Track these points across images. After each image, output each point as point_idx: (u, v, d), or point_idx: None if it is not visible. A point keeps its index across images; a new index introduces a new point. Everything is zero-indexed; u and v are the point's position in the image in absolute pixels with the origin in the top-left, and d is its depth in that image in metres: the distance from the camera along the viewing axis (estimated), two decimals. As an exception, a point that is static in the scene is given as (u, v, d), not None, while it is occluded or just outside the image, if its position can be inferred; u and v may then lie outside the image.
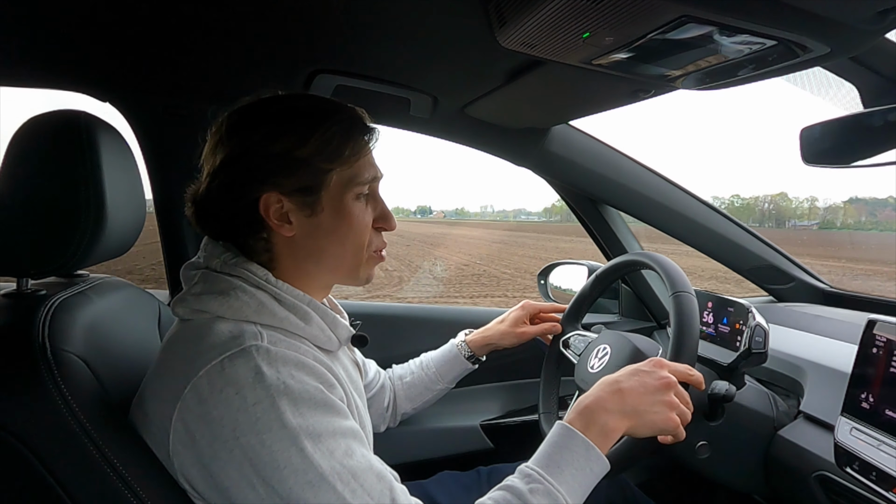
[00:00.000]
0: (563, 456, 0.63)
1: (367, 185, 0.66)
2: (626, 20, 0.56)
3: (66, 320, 0.61)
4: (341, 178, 0.64)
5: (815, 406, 0.85)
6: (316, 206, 0.63)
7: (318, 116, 0.63)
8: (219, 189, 0.62)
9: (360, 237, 0.67)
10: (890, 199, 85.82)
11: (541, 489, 0.60)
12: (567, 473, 0.62)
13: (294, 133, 0.62)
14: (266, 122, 0.62)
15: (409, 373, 1.00)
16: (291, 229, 0.63)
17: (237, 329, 0.57)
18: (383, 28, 0.75)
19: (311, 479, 0.52)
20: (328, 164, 0.63)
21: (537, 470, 0.62)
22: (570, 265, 1.40)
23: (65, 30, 0.78)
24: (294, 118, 0.63)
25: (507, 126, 1.13)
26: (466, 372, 1.00)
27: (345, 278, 0.69)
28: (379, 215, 0.69)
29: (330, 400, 0.57)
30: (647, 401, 0.66)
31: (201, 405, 0.53)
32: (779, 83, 0.76)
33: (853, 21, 0.54)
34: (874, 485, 0.66)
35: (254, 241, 0.64)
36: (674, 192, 1.25)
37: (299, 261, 0.65)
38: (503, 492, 0.61)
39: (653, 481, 1.27)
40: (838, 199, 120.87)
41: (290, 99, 0.65)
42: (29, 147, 0.63)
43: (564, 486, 0.61)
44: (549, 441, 0.65)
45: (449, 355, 0.99)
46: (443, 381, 0.98)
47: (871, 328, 0.72)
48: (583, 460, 0.63)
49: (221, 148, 0.63)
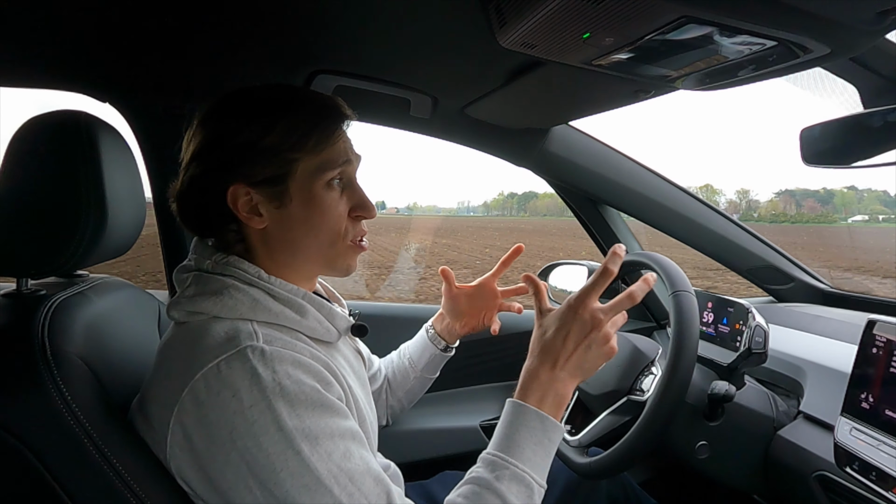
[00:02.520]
0: (521, 434, 0.63)
1: (339, 171, 0.64)
2: (626, 21, 0.56)
3: (66, 320, 0.61)
4: (308, 166, 0.63)
5: (815, 406, 0.85)
6: (284, 196, 0.62)
7: (285, 105, 0.63)
8: (189, 181, 0.62)
9: (334, 226, 0.65)
10: (821, 191, 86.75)
11: (507, 474, 0.60)
12: (528, 450, 0.62)
13: (259, 123, 0.61)
14: (234, 112, 0.62)
15: (391, 361, 0.99)
16: (262, 221, 0.63)
17: (233, 330, 0.57)
18: (383, 28, 0.75)
19: (307, 482, 0.52)
20: (293, 153, 0.62)
21: (499, 455, 0.62)
22: (569, 265, 1.40)
23: (65, 30, 0.78)
24: (261, 108, 0.62)
25: (507, 126, 1.13)
26: (438, 359, 0.96)
27: (324, 269, 0.69)
28: (356, 203, 0.67)
29: (328, 400, 0.56)
30: (582, 353, 0.66)
31: (198, 408, 0.53)
32: (778, 83, 0.76)
33: (853, 22, 0.54)
34: (874, 485, 0.66)
35: (224, 232, 0.64)
36: (674, 193, 1.25)
37: (275, 253, 0.65)
38: (471, 485, 0.61)
39: (653, 480, 1.27)
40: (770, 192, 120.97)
41: (260, 90, 0.65)
42: (29, 147, 0.63)
43: (528, 464, 0.61)
44: (504, 421, 0.65)
45: (419, 340, 0.98)
46: (415, 369, 0.96)
47: (870, 328, 0.72)
48: (539, 433, 0.63)
49: (193, 140, 0.63)
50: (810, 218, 70.68)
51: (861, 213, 72.33)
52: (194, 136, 0.63)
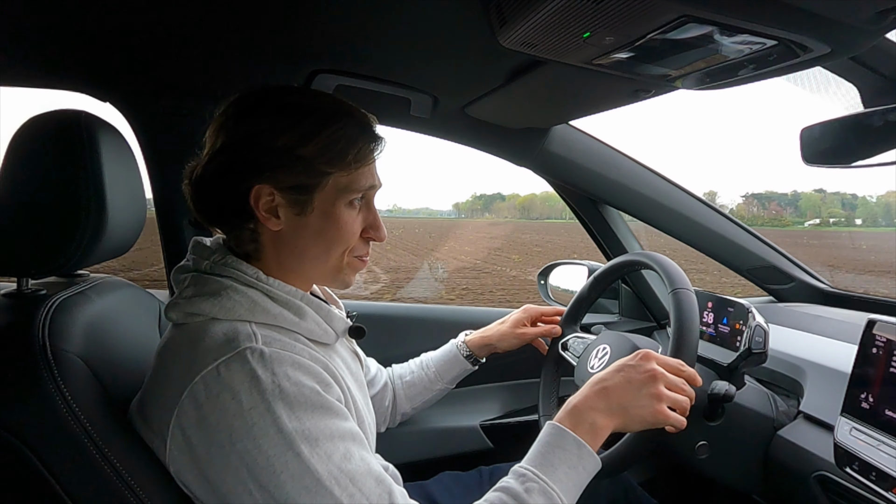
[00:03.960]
0: (556, 455, 0.63)
1: (363, 193, 0.65)
2: (626, 20, 0.56)
3: (66, 320, 0.61)
4: (338, 182, 0.63)
5: (815, 406, 0.85)
6: (307, 205, 0.62)
7: (327, 117, 0.62)
8: (214, 172, 0.61)
9: (346, 243, 0.65)
10: (790, 194, 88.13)
11: (536, 488, 0.60)
12: (561, 472, 0.62)
13: (299, 130, 0.61)
14: (273, 114, 0.61)
15: (409, 372, 1.00)
16: (278, 224, 0.63)
17: (231, 331, 0.57)
18: (383, 28, 0.75)
19: (307, 483, 0.52)
20: (328, 168, 0.62)
21: (531, 469, 0.62)
22: (569, 265, 1.40)
23: (65, 30, 0.78)
24: (302, 115, 0.61)
25: (508, 126, 1.13)
26: (466, 373, 0.99)
27: (323, 280, 0.69)
28: (370, 225, 0.68)
29: (327, 402, 0.56)
30: (632, 396, 0.67)
31: (198, 411, 0.53)
32: (778, 83, 0.76)
33: (854, 21, 0.54)
34: (874, 485, 0.66)
35: (241, 230, 0.63)
36: (674, 192, 1.25)
37: (282, 256, 0.65)
38: (499, 493, 0.61)
39: (653, 480, 1.27)
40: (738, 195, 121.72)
41: (300, 94, 0.64)
42: (29, 147, 0.63)
43: (559, 485, 0.61)
44: (542, 441, 0.65)
45: (448, 355, 0.99)
46: (442, 381, 0.98)
47: (870, 328, 0.72)
48: (575, 458, 0.63)
49: (224, 131, 0.62)
50: (765, 221, 71.86)
51: (818, 217, 74.37)
52: (225, 125, 0.62)
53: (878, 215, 75.21)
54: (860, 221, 69.89)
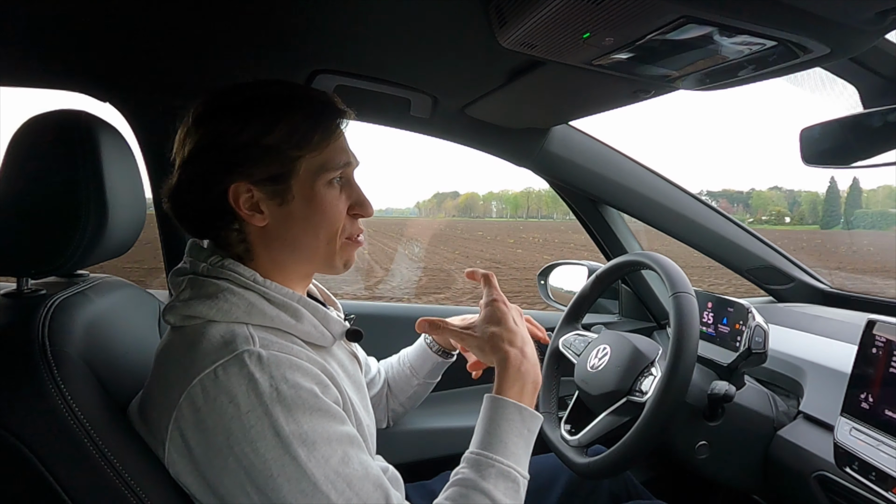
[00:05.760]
0: (502, 427, 0.64)
1: (340, 171, 0.65)
2: (626, 21, 0.56)
3: (66, 320, 0.61)
4: (311, 164, 0.63)
5: (815, 406, 0.85)
6: (286, 194, 0.62)
7: (285, 103, 0.62)
8: (188, 181, 0.61)
9: (334, 224, 0.65)
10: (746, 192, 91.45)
11: (493, 472, 0.61)
12: (511, 444, 0.63)
13: (260, 121, 0.61)
14: (232, 110, 0.61)
15: (391, 366, 0.99)
16: (263, 219, 0.62)
17: (229, 334, 0.57)
18: (383, 28, 0.75)
19: (304, 487, 0.52)
20: (297, 151, 0.61)
21: (482, 452, 0.62)
22: (569, 265, 1.40)
23: (65, 30, 0.78)
24: (260, 105, 0.62)
25: (508, 126, 1.13)
26: (440, 366, 0.96)
27: (321, 266, 0.68)
28: (354, 202, 0.67)
29: (325, 405, 0.56)
30: (513, 342, 0.71)
31: (196, 414, 0.53)
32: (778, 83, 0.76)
33: (853, 22, 0.54)
34: (873, 485, 0.66)
35: (227, 232, 0.63)
36: (674, 193, 1.25)
37: (274, 252, 0.64)
38: (457, 487, 0.61)
39: (653, 481, 1.27)
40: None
41: (256, 86, 0.64)
42: (29, 147, 0.63)
43: (512, 458, 0.62)
44: (484, 417, 0.66)
45: (419, 349, 0.97)
46: (418, 377, 0.95)
47: (870, 328, 0.72)
48: (519, 424, 0.65)
49: (189, 141, 0.62)
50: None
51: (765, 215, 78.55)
52: (189, 134, 0.62)
53: (805, 213, 79.44)
54: (788, 220, 74.87)
